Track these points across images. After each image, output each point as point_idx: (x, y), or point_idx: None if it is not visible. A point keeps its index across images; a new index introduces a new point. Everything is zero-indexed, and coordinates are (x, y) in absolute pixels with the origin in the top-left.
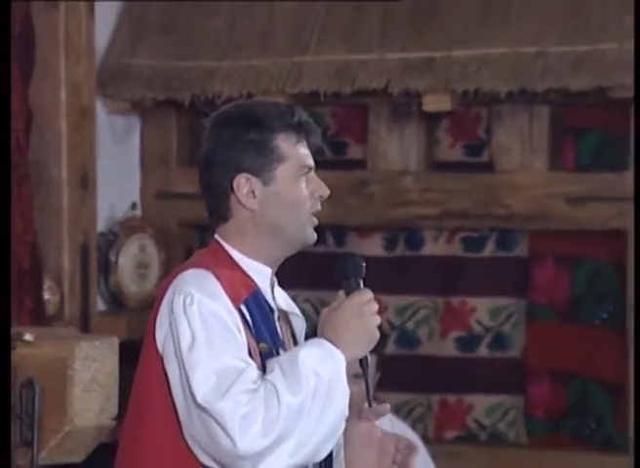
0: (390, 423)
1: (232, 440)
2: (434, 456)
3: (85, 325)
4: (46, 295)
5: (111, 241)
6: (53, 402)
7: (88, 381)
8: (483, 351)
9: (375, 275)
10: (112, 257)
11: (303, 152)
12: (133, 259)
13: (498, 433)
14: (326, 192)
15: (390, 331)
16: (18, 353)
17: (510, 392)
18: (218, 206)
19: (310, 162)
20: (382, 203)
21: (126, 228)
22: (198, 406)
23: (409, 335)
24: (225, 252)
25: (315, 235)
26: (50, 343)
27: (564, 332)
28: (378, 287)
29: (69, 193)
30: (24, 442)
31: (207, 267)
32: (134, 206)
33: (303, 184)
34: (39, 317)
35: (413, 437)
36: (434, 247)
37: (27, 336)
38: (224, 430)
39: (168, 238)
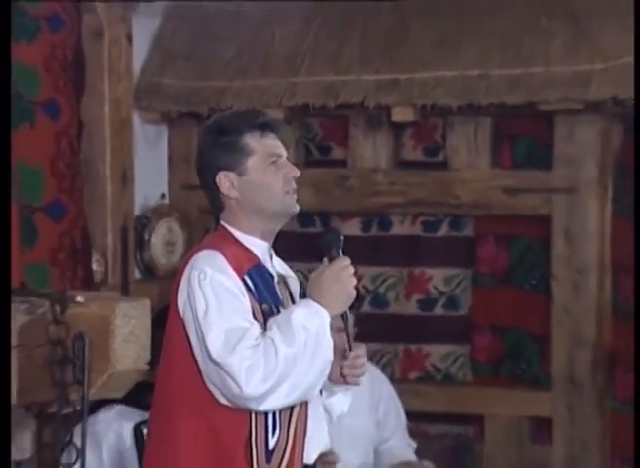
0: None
1: (239, 386)
2: (400, 393)
3: (124, 289)
4: (94, 267)
5: (145, 223)
6: (99, 350)
7: (126, 334)
8: (438, 310)
9: (353, 251)
10: (146, 236)
11: (269, 144)
12: (162, 238)
13: (449, 374)
14: (296, 173)
15: (366, 294)
16: (71, 312)
17: (459, 342)
18: (212, 199)
19: (277, 151)
20: (359, 194)
21: (156, 213)
22: (212, 360)
23: (380, 298)
24: (229, 233)
25: (297, 206)
26: (96, 304)
27: (501, 295)
28: (356, 260)
29: (112, 186)
30: (77, 381)
31: (216, 248)
32: (163, 196)
33: (272, 169)
34: (88, 283)
35: (383, 378)
36: (400, 228)
37: (79, 298)
38: (233, 379)
39: (189, 221)
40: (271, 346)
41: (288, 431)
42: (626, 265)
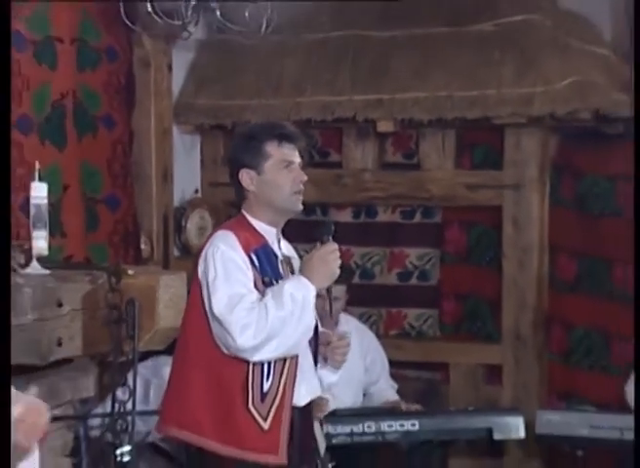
0: (355, 326)
1: (234, 339)
2: (383, 346)
3: (165, 265)
4: (142, 247)
5: (182, 212)
6: (146, 312)
7: (167, 300)
8: (413, 281)
9: (346, 234)
10: (183, 223)
11: (285, 151)
12: (195, 224)
13: (422, 331)
14: (304, 177)
15: (356, 268)
16: (124, 282)
17: (430, 306)
18: (236, 190)
19: (290, 158)
20: (351, 189)
21: (191, 205)
22: (215, 317)
23: (367, 272)
24: (246, 219)
25: (301, 205)
26: (144, 276)
27: (463, 270)
28: (348, 241)
29: (156, 183)
30: (129, 336)
31: (230, 229)
32: (196, 191)
33: (285, 172)
34: (138, 260)
35: (370, 334)
36: (383, 216)
37: (130, 272)
38: (230, 333)
39: (217, 211)
40: (264, 309)
41: (280, 378)
42: (560, 246)
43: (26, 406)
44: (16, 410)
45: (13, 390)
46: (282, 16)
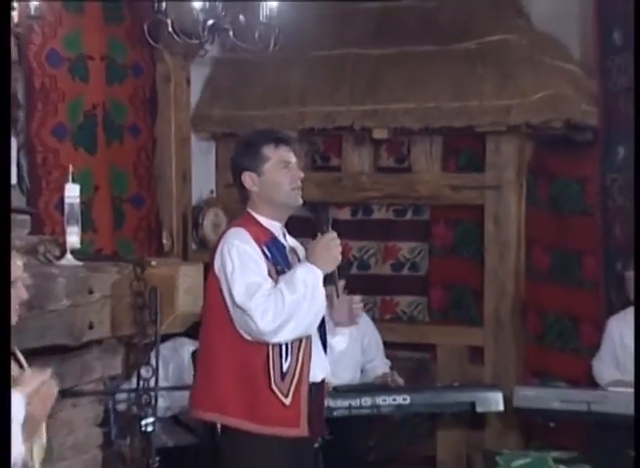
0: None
1: (256, 324)
2: (378, 329)
3: (184, 257)
4: (164, 240)
5: (199, 211)
6: (167, 299)
7: (186, 288)
8: (405, 272)
9: (345, 230)
10: (200, 220)
11: (281, 153)
12: (211, 221)
13: (413, 316)
14: (301, 175)
15: (354, 260)
16: (148, 272)
17: (420, 294)
18: (240, 191)
19: (287, 159)
20: (350, 190)
21: (207, 204)
22: (236, 305)
23: (364, 263)
24: (252, 216)
25: (300, 200)
26: (165, 267)
27: (449, 262)
28: (347, 236)
29: (176, 184)
30: (151, 321)
31: (241, 226)
32: (212, 192)
33: (284, 172)
34: (160, 252)
35: (367, 319)
36: (378, 214)
37: (153, 263)
38: (252, 319)
39: (230, 209)
40: (279, 295)
41: (297, 357)
42: (535, 240)
43: (40, 380)
44: (31, 386)
45: (28, 368)
46: (288, 35)
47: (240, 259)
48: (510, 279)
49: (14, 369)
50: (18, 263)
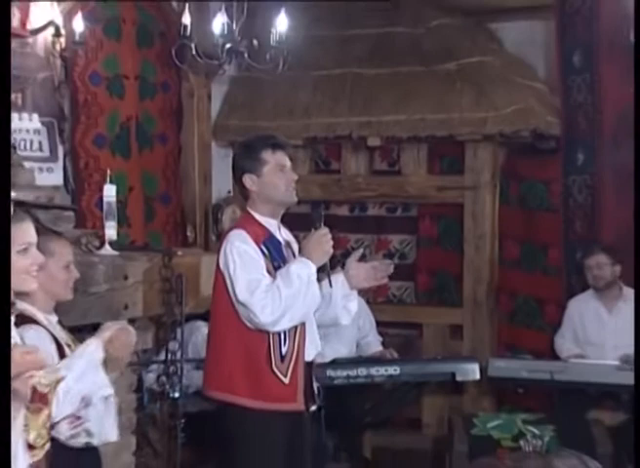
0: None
1: (257, 317)
2: (372, 310)
3: (206, 248)
4: (188, 233)
5: (218, 208)
6: (191, 284)
7: (207, 275)
8: (395, 260)
9: (344, 224)
10: (219, 216)
11: (278, 157)
12: (229, 217)
13: (402, 299)
14: (294, 177)
15: (351, 251)
16: (174, 261)
17: (408, 280)
18: (241, 191)
19: (283, 162)
20: (348, 190)
21: (225, 202)
22: (238, 301)
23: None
24: (251, 215)
25: (295, 198)
26: (189, 256)
27: (433, 252)
28: (346, 230)
29: (198, 185)
30: (178, 302)
31: (242, 227)
32: (229, 192)
33: (280, 174)
34: (185, 244)
35: (362, 301)
36: (373, 211)
37: (179, 253)
38: (253, 313)
39: (245, 207)
40: (277, 290)
41: (294, 342)
42: (507, 234)
43: (117, 328)
44: (107, 332)
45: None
46: (295, 57)
47: (241, 259)
48: (486, 267)
49: (67, 338)
50: (69, 250)
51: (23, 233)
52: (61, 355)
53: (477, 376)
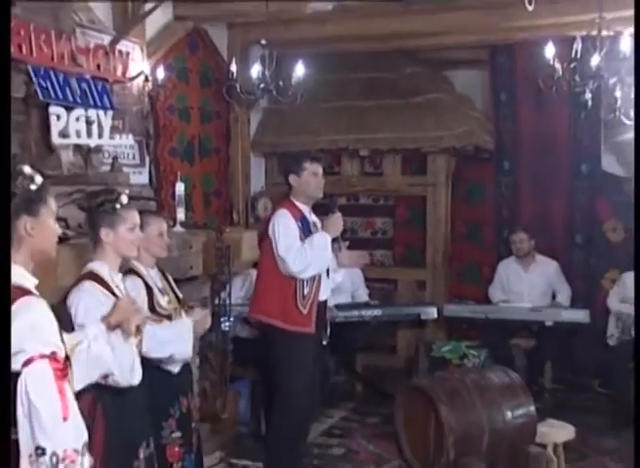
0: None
1: (291, 268)
2: (362, 271)
3: (246, 227)
4: (234, 217)
5: (255, 199)
6: (235, 252)
7: (246, 245)
8: (379, 236)
9: (343, 210)
10: (255, 205)
11: (314, 166)
12: (262, 205)
13: (383, 263)
14: (322, 181)
15: (348, 229)
16: (224, 236)
17: (388, 249)
18: (287, 185)
19: (317, 170)
20: (345, 186)
21: (260, 195)
22: (279, 255)
23: (354, 231)
24: (292, 201)
25: (321, 194)
26: (234, 232)
27: (405, 231)
28: (344, 214)
29: (241, 183)
30: (226, 264)
31: (285, 208)
32: (262, 188)
33: (313, 178)
34: (231, 224)
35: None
36: (363, 201)
37: (227, 230)
38: (287, 264)
39: (273, 198)
40: (304, 251)
41: (312, 287)
42: (456, 218)
43: (203, 314)
44: (196, 316)
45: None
46: (309, 93)
47: (283, 228)
48: (441, 241)
49: (164, 285)
50: (162, 223)
51: (132, 217)
52: (150, 297)
53: (435, 316)
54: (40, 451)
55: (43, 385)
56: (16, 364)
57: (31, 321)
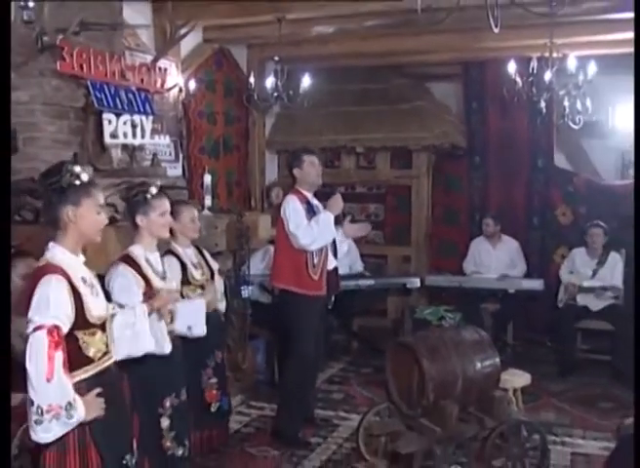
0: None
1: (300, 241)
2: (358, 247)
3: (262, 211)
4: (252, 203)
5: (269, 188)
6: (253, 231)
7: (262, 227)
8: (372, 219)
9: (343, 199)
10: (269, 193)
11: (312, 159)
12: (275, 194)
13: (376, 241)
14: (320, 171)
15: (347, 213)
16: (244, 219)
17: (380, 229)
18: (292, 177)
19: (315, 162)
20: (344, 177)
21: (273, 185)
22: (290, 232)
23: (352, 215)
24: (298, 190)
25: (320, 182)
26: (251, 216)
27: (394, 215)
28: (344, 201)
29: (258, 176)
30: (246, 241)
31: (294, 194)
32: (275, 179)
33: (313, 169)
34: (250, 209)
35: (352, 241)
36: (359, 190)
37: (246, 214)
38: (297, 239)
39: (285, 188)
40: (311, 227)
41: (320, 257)
42: (436, 203)
43: (212, 293)
44: (207, 297)
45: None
46: (313, 100)
47: (293, 210)
48: (423, 222)
49: (199, 260)
50: (192, 210)
51: (162, 204)
52: (184, 272)
53: (418, 285)
54: (30, 402)
55: (37, 351)
56: (28, 330)
57: (45, 295)
